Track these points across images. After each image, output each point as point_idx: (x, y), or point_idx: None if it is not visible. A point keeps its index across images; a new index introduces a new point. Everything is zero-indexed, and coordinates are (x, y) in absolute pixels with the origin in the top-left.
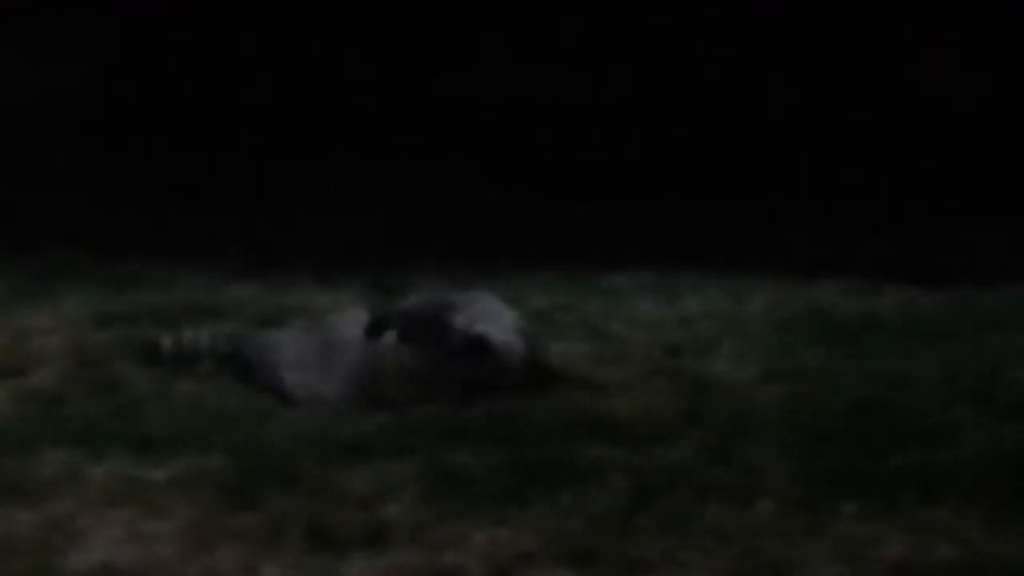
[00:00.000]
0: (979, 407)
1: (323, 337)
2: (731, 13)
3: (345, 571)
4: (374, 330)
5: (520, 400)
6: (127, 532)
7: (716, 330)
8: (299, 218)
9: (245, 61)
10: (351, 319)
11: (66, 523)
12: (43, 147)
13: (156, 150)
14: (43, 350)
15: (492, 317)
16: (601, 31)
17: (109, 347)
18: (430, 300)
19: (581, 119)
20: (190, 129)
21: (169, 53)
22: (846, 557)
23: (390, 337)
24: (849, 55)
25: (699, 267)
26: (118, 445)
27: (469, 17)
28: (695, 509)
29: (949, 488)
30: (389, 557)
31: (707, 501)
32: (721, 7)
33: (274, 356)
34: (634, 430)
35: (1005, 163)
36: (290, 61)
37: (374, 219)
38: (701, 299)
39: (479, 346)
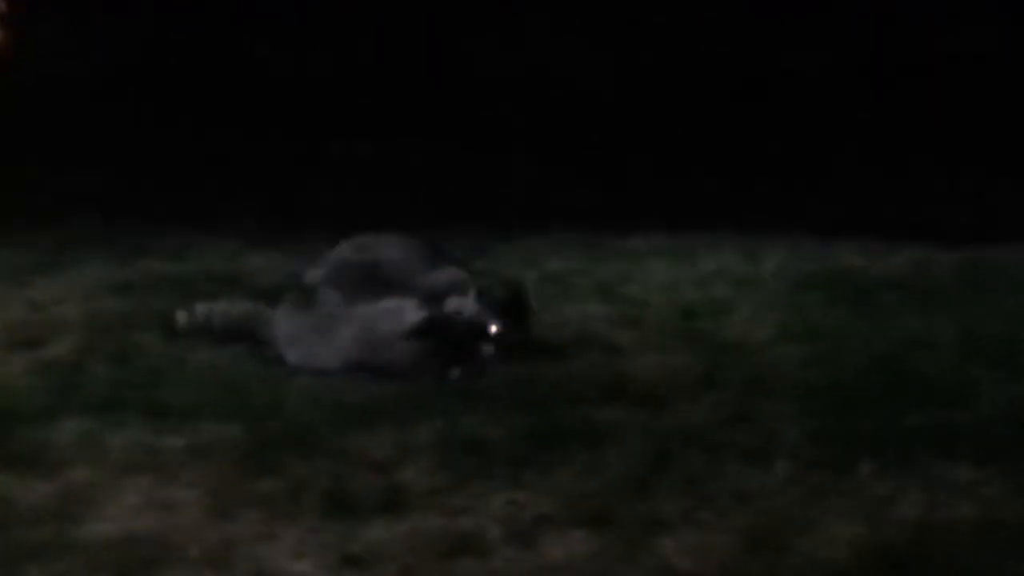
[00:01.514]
0: (995, 366)
1: (315, 313)
2: None
3: (363, 536)
4: None
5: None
6: (145, 500)
7: (732, 291)
8: (317, 189)
9: (268, 39)
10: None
11: (84, 492)
12: (65, 120)
13: (176, 123)
14: (60, 319)
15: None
16: (624, 6)
17: (126, 316)
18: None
19: (597, 86)
20: (210, 103)
21: (192, 32)
22: (864, 516)
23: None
24: (866, 21)
25: (714, 229)
26: (135, 414)
27: None
28: (712, 470)
29: (966, 446)
30: (407, 522)
31: (724, 462)
32: None
33: (274, 331)
34: (651, 392)
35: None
36: (315, 36)
37: (391, 188)
38: (716, 261)
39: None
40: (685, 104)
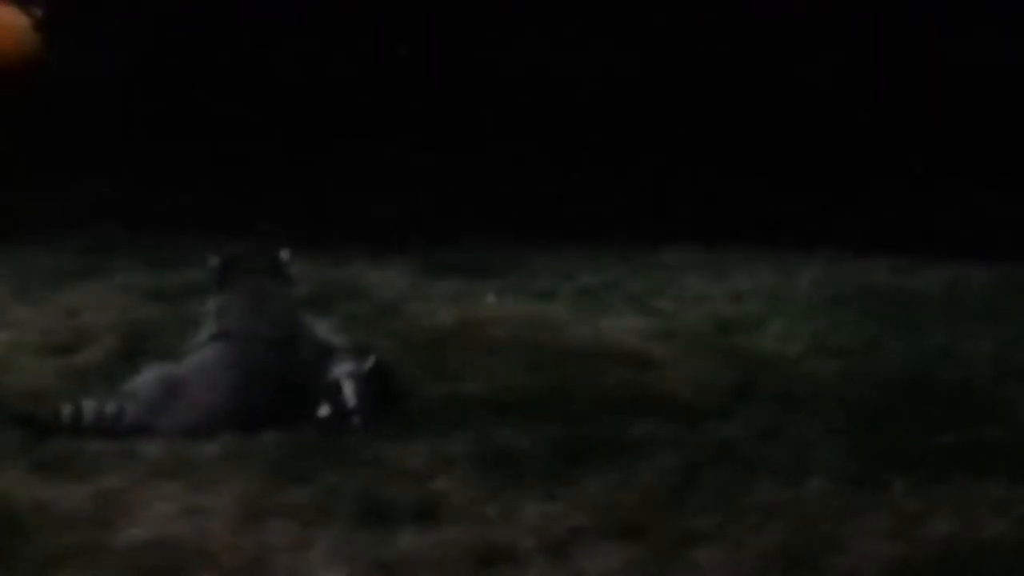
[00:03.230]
0: None
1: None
2: None
3: (396, 545)
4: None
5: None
6: (178, 507)
7: (765, 306)
8: (349, 195)
9: (287, 43)
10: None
11: (117, 498)
12: (94, 127)
13: (203, 130)
14: (92, 326)
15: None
16: (648, 7)
17: (158, 322)
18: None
19: (630, 97)
20: (235, 110)
21: (208, 37)
22: (896, 533)
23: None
24: (896, 31)
25: (747, 244)
26: None
27: None
28: (745, 485)
29: (999, 464)
30: (440, 532)
31: (757, 477)
32: None
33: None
34: (684, 406)
35: None
36: (333, 41)
37: (424, 196)
38: (750, 275)
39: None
40: (720, 118)
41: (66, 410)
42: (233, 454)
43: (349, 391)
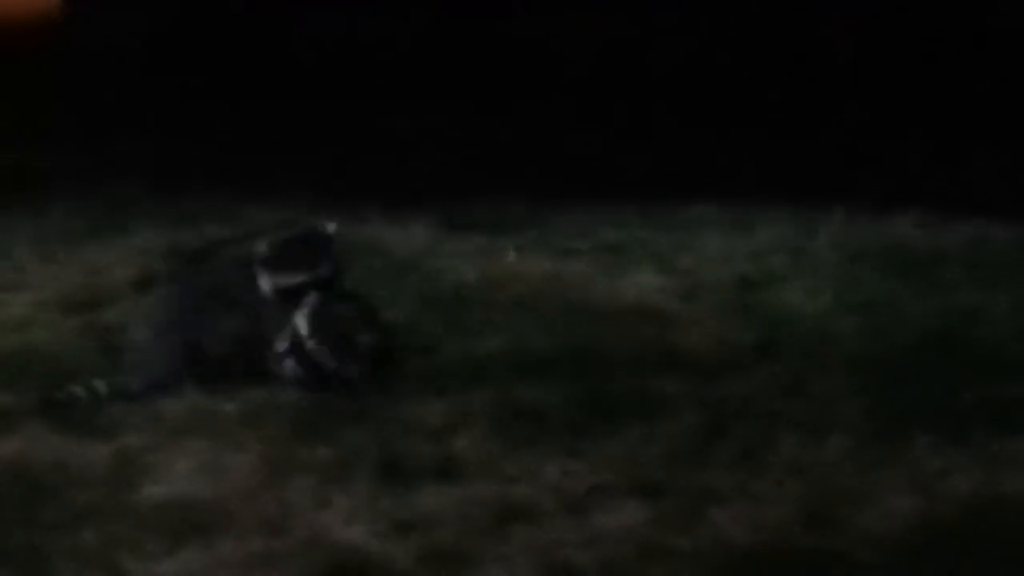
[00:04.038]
0: None
1: None
2: None
3: (416, 503)
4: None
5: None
6: (199, 465)
7: (787, 263)
8: (368, 155)
9: (308, 5)
10: None
11: (139, 456)
12: (116, 88)
13: (225, 91)
14: (114, 284)
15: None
16: None
17: None
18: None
19: (651, 55)
20: (257, 71)
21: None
22: (919, 490)
23: None
24: None
25: (769, 200)
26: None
27: None
28: (767, 442)
29: (1021, 420)
30: (460, 490)
31: (779, 434)
32: None
33: None
34: (706, 363)
35: None
36: (354, 3)
37: (443, 154)
38: (772, 232)
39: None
40: (740, 75)
41: (80, 391)
42: (253, 412)
43: (303, 323)
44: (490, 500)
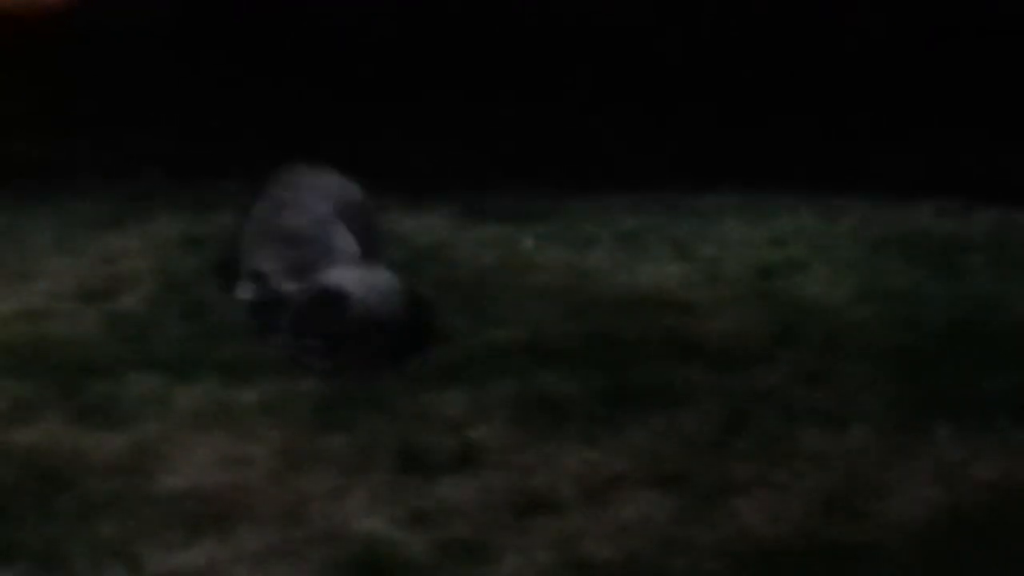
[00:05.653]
0: None
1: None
2: None
3: (435, 493)
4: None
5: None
6: (217, 455)
7: (808, 251)
8: (387, 142)
9: None
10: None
11: (155, 446)
12: (135, 78)
13: (243, 80)
14: (132, 273)
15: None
16: None
17: (197, 270)
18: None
19: (671, 42)
20: (275, 59)
21: None
22: (941, 479)
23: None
24: None
25: (789, 187)
26: (206, 368)
27: None
28: (789, 432)
29: None
30: (479, 479)
31: (800, 423)
32: None
33: None
34: (727, 352)
35: None
36: None
37: (463, 143)
38: (792, 220)
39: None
40: (762, 62)
41: None
42: (271, 402)
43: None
44: (509, 490)
